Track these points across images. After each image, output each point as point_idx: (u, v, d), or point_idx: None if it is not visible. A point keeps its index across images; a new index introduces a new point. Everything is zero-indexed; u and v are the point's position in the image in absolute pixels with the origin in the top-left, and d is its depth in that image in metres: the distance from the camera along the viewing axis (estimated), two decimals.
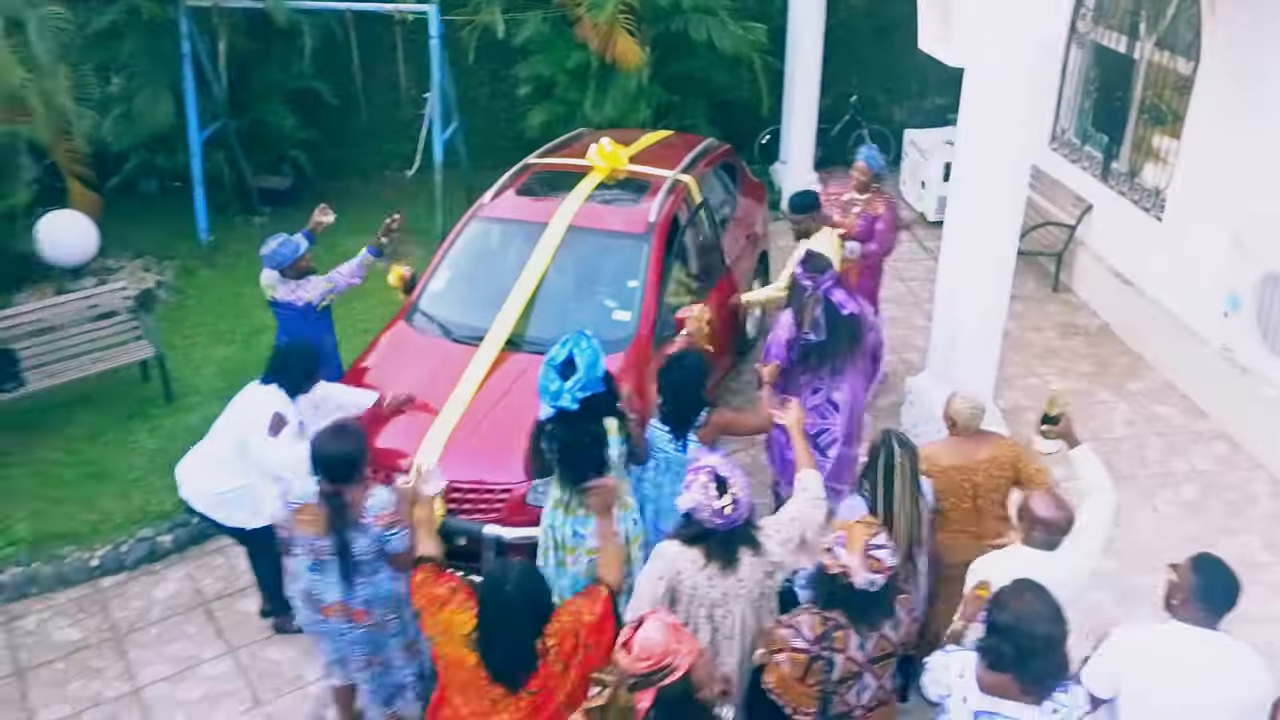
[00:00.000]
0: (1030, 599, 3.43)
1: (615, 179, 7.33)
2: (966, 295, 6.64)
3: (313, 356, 5.47)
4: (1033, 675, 3.39)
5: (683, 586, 4.12)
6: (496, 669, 3.72)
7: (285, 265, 6.55)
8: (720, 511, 4.00)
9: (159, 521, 6.62)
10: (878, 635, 3.85)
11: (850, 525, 3.86)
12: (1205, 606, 3.67)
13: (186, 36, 9.47)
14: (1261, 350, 6.46)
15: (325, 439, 4.51)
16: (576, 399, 4.74)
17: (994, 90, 6.15)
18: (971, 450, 5.02)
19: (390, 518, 4.47)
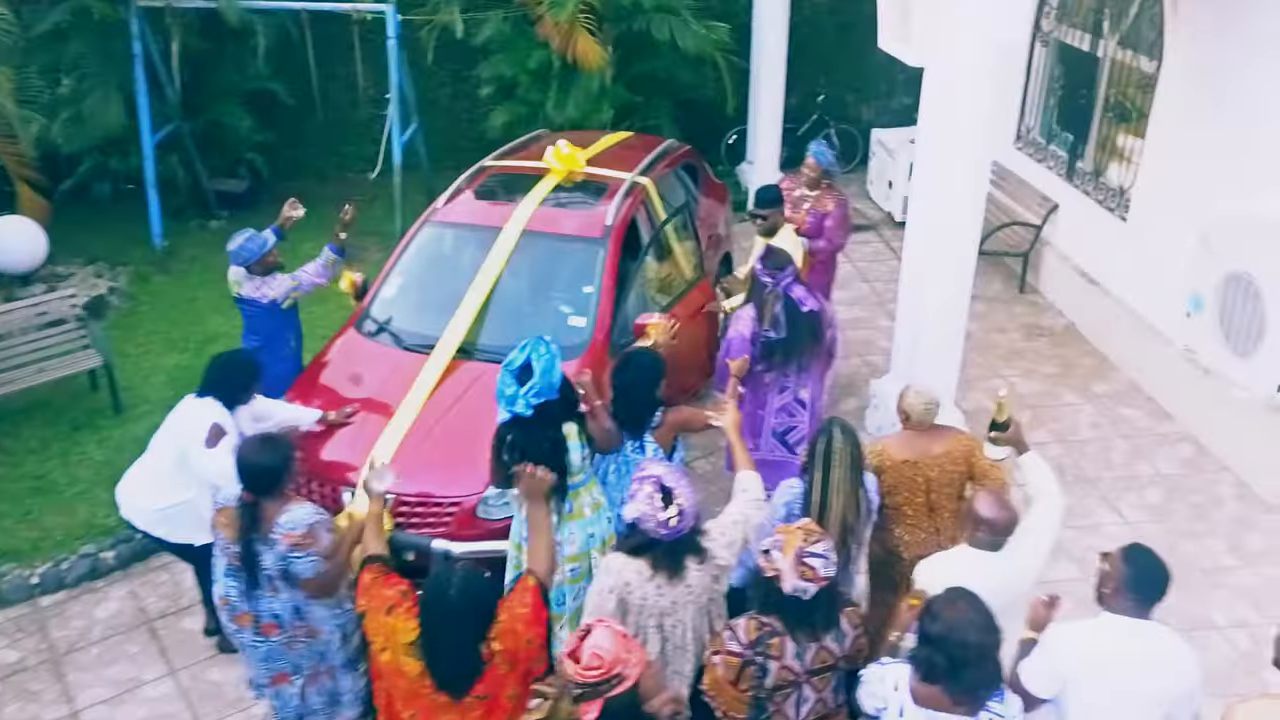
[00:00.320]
0: (963, 608, 3.35)
1: (572, 181, 7.19)
2: (928, 295, 6.55)
3: (249, 368, 5.31)
4: (964, 686, 3.32)
5: (632, 598, 4.05)
6: (441, 677, 3.62)
7: (251, 261, 6.40)
8: (665, 523, 3.92)
9: (102, 537, 6.43)
10: (818, 646, 3.74)
11: (790, 529, 3.75)
12: (1136, 597, 3.63)
13: (137, 37, 9.26)
14: (1224, 351, 6.38)
15: (251, 448, 4.42)
16: (531, 405, 4.67)
17: (953, 90, 6.06)
18: (925, 445, 4.95)
19: (297, 539, 4.31)
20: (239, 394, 5.23)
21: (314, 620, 4.53)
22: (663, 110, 10.44)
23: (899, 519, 4.95)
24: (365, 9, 9.44)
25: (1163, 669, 3.60)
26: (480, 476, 5.48)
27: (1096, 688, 3.60)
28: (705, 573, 4.08)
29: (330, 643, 4.61)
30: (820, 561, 3.64)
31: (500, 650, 3.63)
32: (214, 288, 9.49)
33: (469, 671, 3.61)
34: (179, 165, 10.25)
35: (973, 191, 6.26)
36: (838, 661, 3.81)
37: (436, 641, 3.60)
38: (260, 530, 4.35)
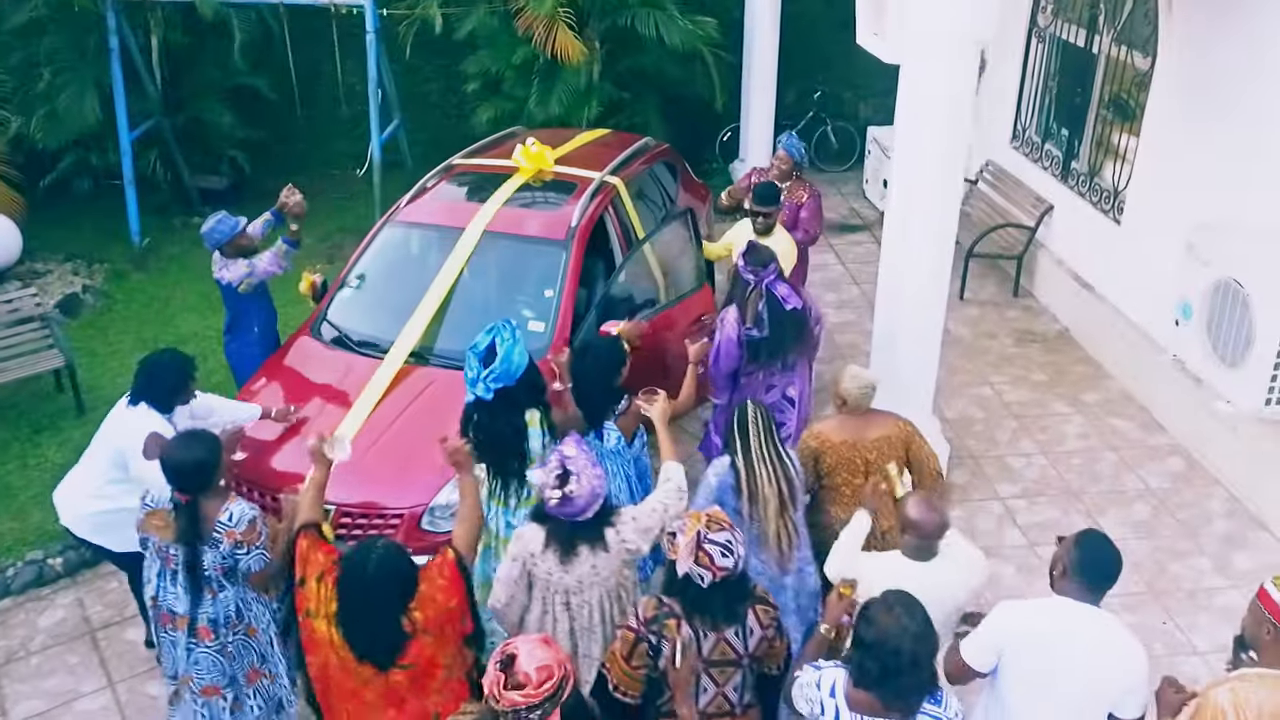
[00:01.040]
0: (898, 614, 3.25)
1: (540, 181, 6.99)
2: (904, 297, 6.29)
3: (178, 368, 5.08)
4: (897, 692, 3.24)
5: (536, 570, 4.10)
6: (361, 649, 3.66)
7: (222, 243, 6.38)
8: (548, 500, 3.97)
9: (51, 543, 6.28)
10: (717, 637, 3.66)
11: (696, 515, 3.70)
12: (1084, 581, 3.59)
13: (114, 31, 9.12)
14: (1211, 361, 6.10)
15: (176, 446, 4.31)
16: (490, 389, 4.70)
17: (924, 87, 5.82)
18: (862, 428, 4.98)
19: (241, 535, 4.24)
20: (172, 397, 5.05)
21: (253, 618, 4.46)
22: (650, 107, 10.21)
23: (836, 499, 4.97)
24: (344, 3, 9.24)
25: (1104, 655, 3.53)
26: (428, 486, 5.34)
27: (1031, 663, 3.58)
28: (613, 557, 4.05)
29: (268, 641, 4.52)
30: (718, 550, 3.57)
31: (421, 619, 3.64)
32: (191, 286, 9.39)
33: (391, 644, 3.63)
34: (159, 162, 10.10)
35: (946, 191, 6.00)
36: (741, 658, 3.71)
37: (354, 615, 3.62)
38: (201, 530, 4.23)
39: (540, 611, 4.17)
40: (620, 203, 7.00)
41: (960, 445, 7.15)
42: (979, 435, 7.30)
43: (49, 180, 10.09)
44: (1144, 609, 5.79)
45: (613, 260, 6.91)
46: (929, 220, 6.00)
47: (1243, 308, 5.80)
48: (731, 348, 5.83)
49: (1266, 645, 3.33)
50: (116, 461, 5.01)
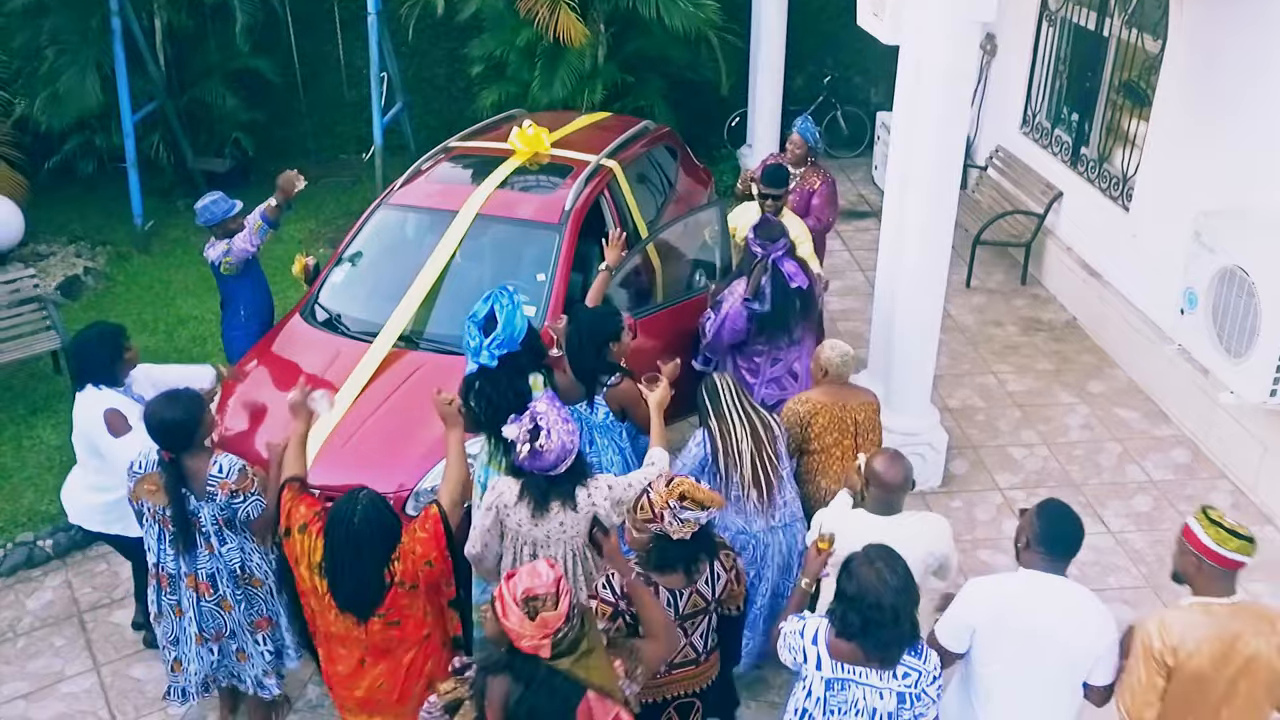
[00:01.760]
0: (880, 568, 3.38)
1: (536, 164, 6.91)
2: (902, 283, 6.19)
3: (107, 339, 4.96)
4: (877, 643, 3.38)
5: (508, 521, 4.20)
6: (343, 599, 3.78)
7: (213, 223, 6.37)
8: (518, 454, 4.02)
9: (43, 525, 6.28)
10: (691, 590, 3.82)
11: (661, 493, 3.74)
12: (1048, 552, 3.65)
13: (116, 13, 9.06)
14: (1216, 351, 5.96)
15: (157, 405, 4.30)
16: (494, 356, 4.70)
17: (924, 71, 5.71)
18: (846, 395, 5.18)
19: (234, 485, 4.30)
20: (109, 368, 4.93)
21: (255, 568, 4.52)
22: (655, 91, 10.10)
23: (826, 469, 5.09)
24: None
25: (1075, 625, 3.59)
26: (413, 470, 5.29)
27: (1004, 638, 3.63)
28: (580, 518, 4.13)
29: (269, 588, 4.57)
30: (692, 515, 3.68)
31: (400, 571, 3.75)
32: (192, 269, 9.37)
33: (371, 595, 3.75)
34: (162, 144, 10.08)
35: (945, 176, 5.87)
36: (709, 604, 3.88)
37: (339, 565, 3.73)
38: (191, 486, 4.29)
39: (511, 560, 4.29)
40: (617, 186, 6.90)
41: (961, 435, 7.04)
42: (980, 425, 7.19)
43: (53, 162, 10.09)
44: (1144, 603, 5.68)
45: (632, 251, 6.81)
46: (927, 207, 5.90)
47: (1248, 296, 5.66)
48: (738, 320, 5.81)
49: (1194, 576, 3.58)
50: (91, 449, 4.97)
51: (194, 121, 10.36)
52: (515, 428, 4.05)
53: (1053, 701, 3.72)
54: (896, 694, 3.43)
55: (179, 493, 4.29)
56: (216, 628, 4.54)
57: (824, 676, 3.47)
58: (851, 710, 3.47)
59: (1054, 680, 3.66)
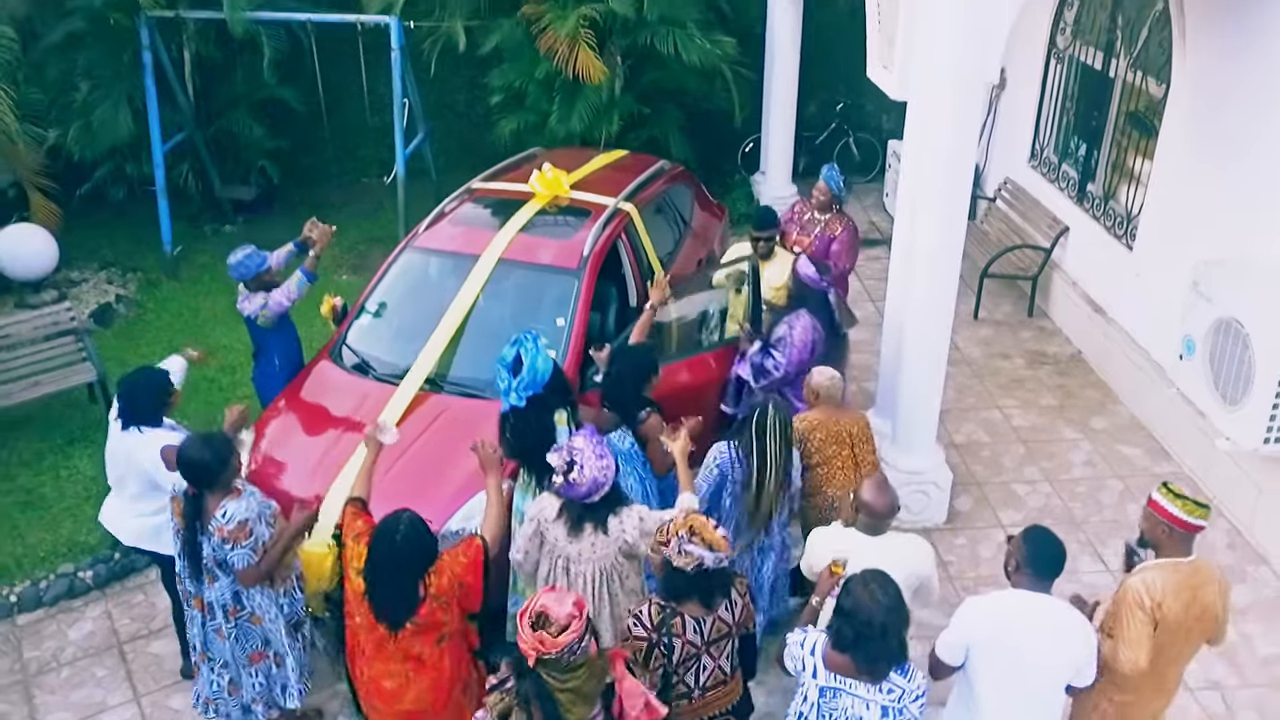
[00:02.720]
0: (873, 589, 3.74)
1: (556, 206, 7.15)
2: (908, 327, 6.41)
3: (149, 382, 5.34)
4: (867, 657, 3.73)
5: (547, 534, 4.66)
6: (379, 609, 4.21)
7: (247, 278, 6.58)
8: (555, 482, 4.51)
9: (83, 556, 6.55)
10: (714, 617, 4.16)
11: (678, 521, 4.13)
12: (1035, 572, 4.08)
13: (148, 47, 9.34)
14: (1213, 398, 6.16)
15: (189, 445, 4.69)
16: (522, 397, 5.11)
17: (931, 128, 5.92)
18: (838, 414, 5.68)
19: (228, 532, 4.61)
20: (157, 411, 5.31)
21: (255, 607, 4.86)
22: (671, 121, 10.31)
23: (830, 480, 5.56)
24: (369, 20, 9.42)
25: (1061, 637, 4.02)
26: (441, 511, 5.52)
27: (997, 652, 4.03)
28: (610, 541, 4.55)
29: (274, 630, 4.91)
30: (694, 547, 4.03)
31: (435, 585, 4.19)
32: (220, 297, 9.63)
33: (406, 606, 4.18)
34: (191, 173, 10.35)
35: (951, 228, 6.06)
36: (731, 629, 4.24)
37: (379, 576, 4.18)
38: (202, 520, 4.69)
39: (546, 570, 4.74)
40: (634, 228, 7.14)
41: (966, 471, 7.25)
42: (985, 461, 7.40)
43: (85, 189, 10.37)
44: None
45: (625, 286, 7.07)
46: (934, 260, 6.11)
47: (1243, 347, 5.86)
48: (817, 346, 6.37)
49: (1164, 541, 4.23)
50: (150, 484, 5.28)
51: (220, 150, 10.63)
52: (556, 457, 4.54)
53: (1040, 709, 4.14)
54: (881, 707, 3.79)
55: (192, 523, 4.70)
56: (218, 653, 4.95)
57: (819, 684, 3.85)
58: (841, 717, 3.84)
59: (1042, 689, 4.08)
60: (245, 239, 10.67)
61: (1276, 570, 6.39)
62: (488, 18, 9.90)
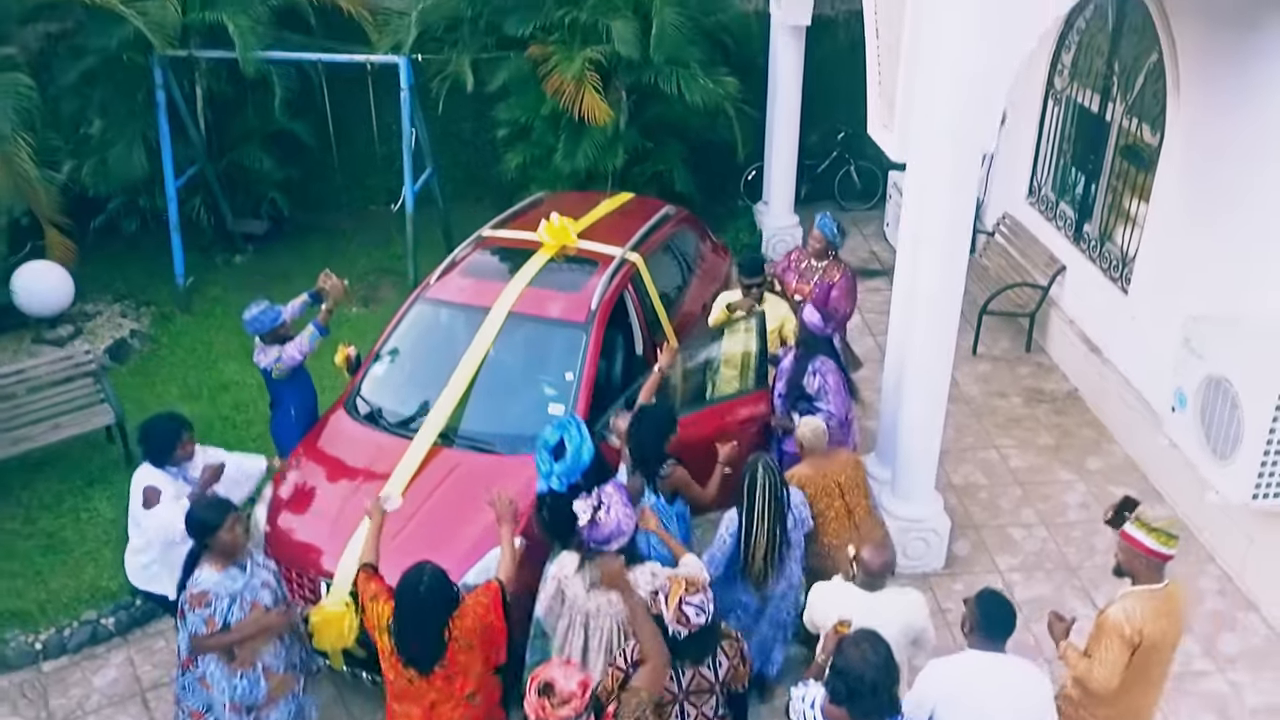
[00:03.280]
0: (865, 648, 3.98)
1: (564, 256, 7.32)
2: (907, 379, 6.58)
3: (166, 430, 5.65)
4: (861, 711, 3.93)
5: (567, 590, 4.93)
6: (408, 654, 4.50)
7: (263, 333, 6.74)
8: (581, 521, 4.81)
9: (105, 602, 6.74)
10: (694, 672, 4.46)
11: (677, 580, 4.43)
12: (987, 633, 4.38)
13: (161, 86, 9.51)
14: (1203, 452, 6.33)
15: (197, 503, 5.02)
16: (564, 484, 5.30)
17: (928, 192, 6.08)
18: (825, 463, 5.94)
19: (188, 597, 4.79)
20: (163, 453, 5.63)
21: (207, 672, 4.94)
22: (675, 155, 10.48)
23: (825, 528, 5.85)
24: (379, 60, 9.58)
25: (1014, 690, 4.33)
26: (457, 566, 5.69)
27: (960, 712, 4.30)
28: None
29: (219, 702, 4.97)
30: (694, 610, 4.34)
31: (459, 629, 4.48)
32: (232, 331, 9.79)
33: (433, 651, 4.47)
34: (203, 207, 10.53)
35: (948, 288, 6.24)
36: (714, 686, 4.51)
37: (406, 624, 4.48)
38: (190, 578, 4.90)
39: (565, 625, 5.00)
40: (640, 279, 7.31)
41: (964, 513, 7.43)
42: (983, 503, 7.58)
43: (98, 222, 10.53)
44: None
45: (631, 336, 7.24)
46: (930, 321, 6.29)
47: (1232, 406, 6.03)
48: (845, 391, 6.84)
49: (1139, 570, 4.63)
50: (132, 517, 5.66)
51: (231, 182, 10.78)
52: (583, 503, 4.82)
53: None
54: None
55: (183, 578, 4.89)
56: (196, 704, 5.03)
57: None
58: None
59: None
60: (255, 269, 10.98)
61: (1266, 617, 6.57)
62: (495, 55, 10.03)
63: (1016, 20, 5.53)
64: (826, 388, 6.70)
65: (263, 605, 4.92)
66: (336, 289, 6.90)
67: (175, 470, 5.66)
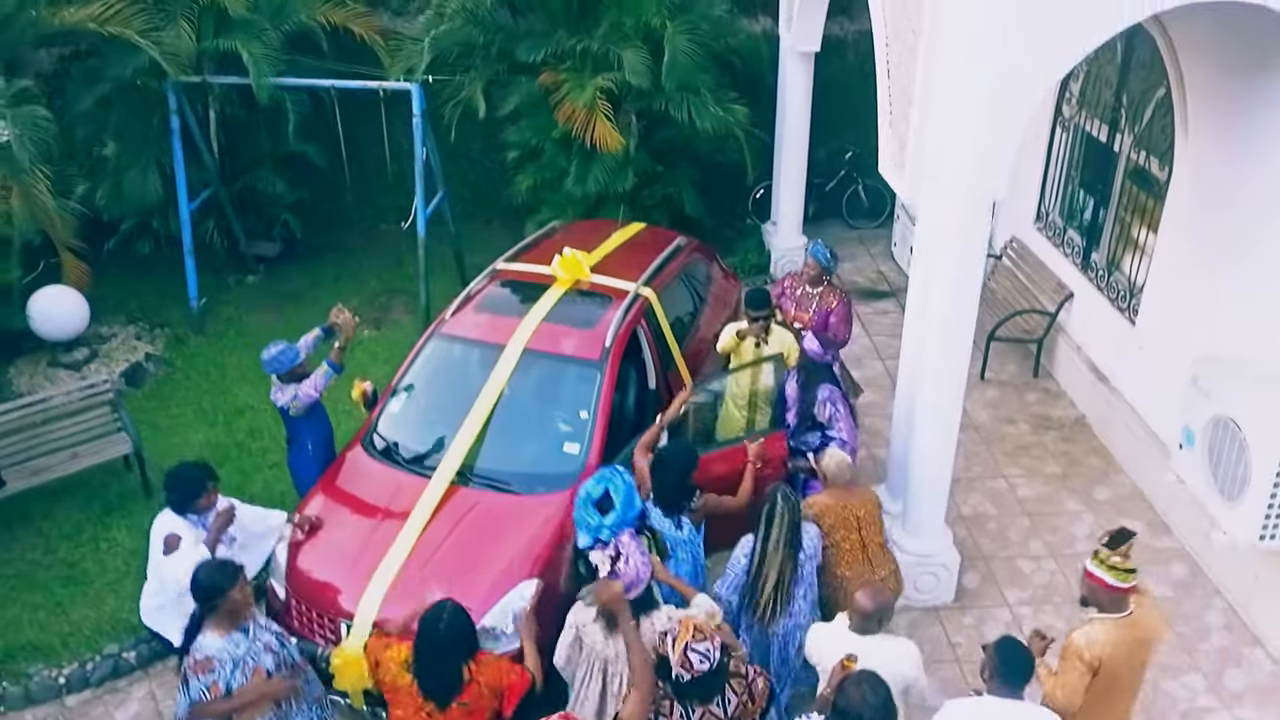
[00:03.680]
0: (865, 689, 4.18)
1: (578, 290, 7.40)
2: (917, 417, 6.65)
3: (190, 479, 5.72)
4: None
5: (585, 637, 5.05)
6: (428, 688, 4.70)
7: (281, 372, 6.81)
8: (599, 570, 4.97)
9: (125, 636, 6.84)
10: (704, 710, 4.56)
11: (686, 624, 4.54)
12: (1006, 679, 4.54)
13: (176, 111, 9.59)
14: (1211, 491, 6.40)
15: (205, 566, 5.00)
16: (613, 533, 5.27)
17: (939, 235, 6.15)
18: (846, 496, 6.08)
19: (191, 664, 4.80)
20: (186, 500, 5.70)
21: None
22: (684, 177, 10.55)
23: (839, 559, 6.00)
24: (391, 87, 9.65)
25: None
26: (477, 608, 5.77)
27: None
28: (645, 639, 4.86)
29: None
30: (698, 657, 4.44)
31: (478, 674, 4.72)
32: (245, 353, 9.90)
33: (450, 685, 4.67)
34: (217, 230, 10.62)
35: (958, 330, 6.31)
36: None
37: (426, 659, 4.69)
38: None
39: (584, 672, 5.08)
40: (653, 314, 7.40)
41: (973, 545, 7.52)
42: (992, 534, 7.66)
43: (112, 243, 10.62)
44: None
45: (644, 370, 7.33)
46: (942, 366, 6.37)
47: (1240, 448, 6.10)
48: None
49: (1104, 601, 4.96)
50: (154, 565, 5.73)
51: (244, 204, 10.86)
52: (601, 554, 4.98)
53: None
54: None
55: (186, 641, 4.90)
56: None
57: None
58: None
59: None
60: (268, 289, 11.07)
61: (1271, 652, 6.66)
62: (506, 80, 10.09)
63: (1027, 73, 5.59)
64: (838, 415, 6.86)
65: (265, 670, 4.90)
66: (348, 325, 6.97)
67: (196, 518, 5.72)
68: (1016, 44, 5.48)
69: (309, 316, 10.54)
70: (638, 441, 6.32)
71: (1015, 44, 5.48)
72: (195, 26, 9.17)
